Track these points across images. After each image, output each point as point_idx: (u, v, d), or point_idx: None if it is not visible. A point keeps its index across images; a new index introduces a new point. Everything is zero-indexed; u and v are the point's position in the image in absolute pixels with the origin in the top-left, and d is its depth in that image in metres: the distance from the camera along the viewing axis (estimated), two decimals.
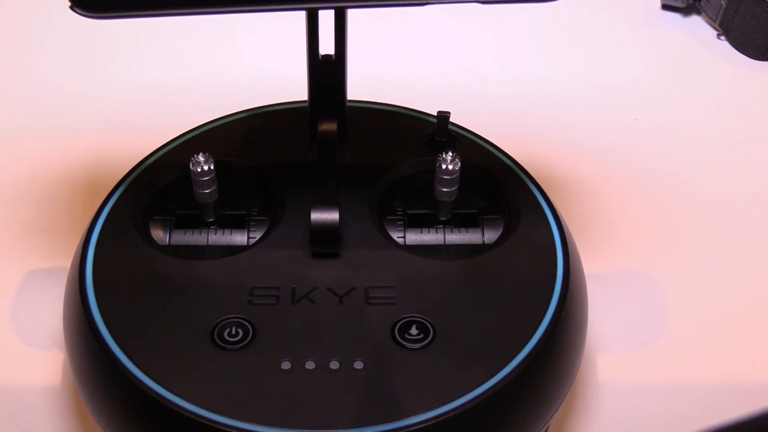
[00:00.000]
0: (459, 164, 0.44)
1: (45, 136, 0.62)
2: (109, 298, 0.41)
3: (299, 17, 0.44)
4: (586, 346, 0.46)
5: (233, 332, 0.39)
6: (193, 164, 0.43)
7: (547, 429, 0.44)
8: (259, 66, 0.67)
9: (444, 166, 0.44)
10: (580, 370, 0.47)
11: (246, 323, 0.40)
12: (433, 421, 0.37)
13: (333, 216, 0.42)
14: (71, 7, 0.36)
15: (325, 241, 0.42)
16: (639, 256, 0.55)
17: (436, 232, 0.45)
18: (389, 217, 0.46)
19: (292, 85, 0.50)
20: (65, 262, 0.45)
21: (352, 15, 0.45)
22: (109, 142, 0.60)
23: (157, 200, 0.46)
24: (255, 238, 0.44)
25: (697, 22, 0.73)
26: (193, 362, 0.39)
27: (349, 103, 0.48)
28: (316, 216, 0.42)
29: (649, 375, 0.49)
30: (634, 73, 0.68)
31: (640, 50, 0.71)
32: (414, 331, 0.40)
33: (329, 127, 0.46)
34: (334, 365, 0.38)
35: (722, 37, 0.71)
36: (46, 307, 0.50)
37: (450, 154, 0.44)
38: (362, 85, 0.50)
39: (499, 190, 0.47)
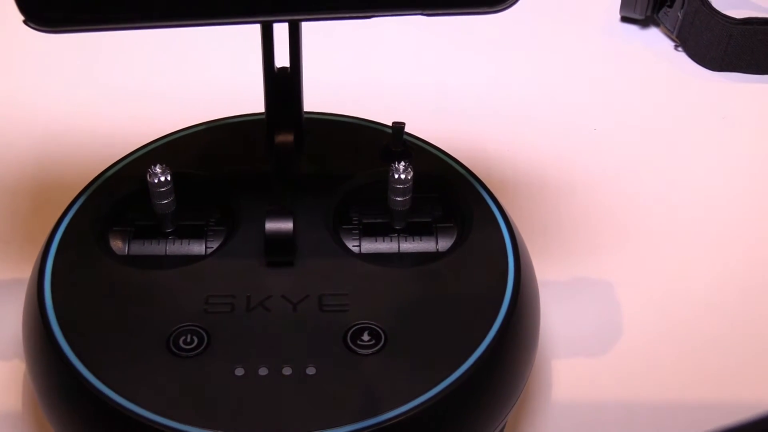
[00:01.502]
0: (411, 174, 0.45)
1: (3, 148, 0.63)
2: (67, 308, 0.41)
3: (256, 30, 0.45)
4: (540, 352, 0.47)
5: (188, 340, 0.40)
6: (150, 176, 0.44)
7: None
8: (219, 78, 0.68)
9: (397, 176, 0.45)
10: (533, 375, 0.48)
11: (201, 331, 0.41)
12: (384, 425, 0.37)
13: (287, 225, 0.43)
14: (25, 22, 0.37)
15: (280, 249, 0.43)
16: (594, 263, 0.56)
17: (391, 241, 0.46)
18: (345, 227, 0.47)
19: (251, 98, 0.51)
20: (25, 273, 0.45)
21: (308, 28, 0.46)
22: (69, 154, 0.61)
23: (116, 211, 0.47)
24: (212, 247, 0.45)
25: (655, 33, 0.74)
26: (149, 369, 0.39)
27: (305, 115, 0.49)
28: (271, 225, 0.43)
29: (603, 381, 0.50)
30: (592, 84, 0.70)
31: (599, 61, 0.72)
32: (366, 337, 0.41)
33: (285, 138, 0.47)
34: (287, 371, 0.39)
35: (679, 49, 0.72)
36: (6, 318, 0.50)
37: (402, 164, 0.45)
38: (320, 96, 0.51)
39: (453, 199, 0.48)
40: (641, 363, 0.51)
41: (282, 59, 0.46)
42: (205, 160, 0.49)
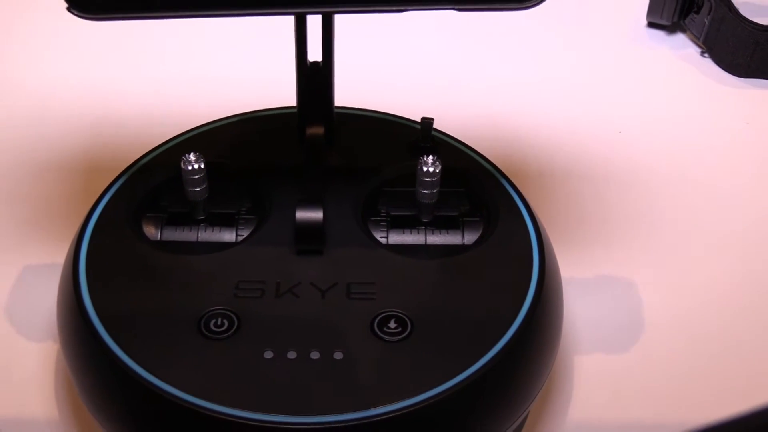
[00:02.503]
0: (440, 167, 0.45)
1: (41, 135, 0.64)
2: (101, 290, 0.42)
3: (290, 25, 0.46)
4: (562, 347, 0.48)
5: (219, 323, 0.41)
6: (184, 163, 0.45)
7: (523, 423, 0.46)
8: (251, 71, 0.69)
9: (425, 169, 0.45)
10: (555, 369, 0.48)
11: (231, 315, 0.41)
12: (407, 410, 0.38)
13: (317, 215, 0.44)
14: (68, 9, 0.38)
15: (310, 238, 0.44)
16: (618, 262, 0.56)
17: (418, 233, 0.47)
18: (373, 218, 0.47)
19: (282, 91, 0.52)
20: (58, 258, 0.46)
21: (340, 23, 0.47)
22: (104, 143, 0.62)
23: (149, 199, 0.48)
24: (243, 235, 0.46)
25: (681, 39, 0.75)
26: (181, 351, 0.40)
27: (336, 110, 0.50)
28: (301, 214, 0.44)
29: (625, 376, 0.51)
30: (619, 88, 0.70)
31: (625, 66, 0.73)
32: (392, 324, 0.41)
33: (316, 131, 0.48)
34: (315, 355, 0.40)
35: (705, 55, 0.73)
36: (40, 301, 0.51)
37: (431, 157, 0.45)
38: (350, 91, 0.51)
39: (480, 194, 0.48)
40: (663, 359, 0.51)
41: (313, 54, 0.47)
42: (237, 151, 0.50)
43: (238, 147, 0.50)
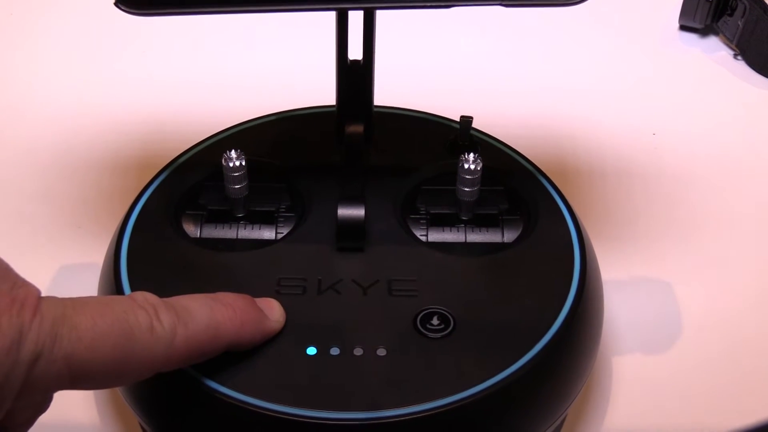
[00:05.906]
0: (480, 165, 0.45)
1: (77, 134, 0.64)
2: (143, 287, 0.42)
3: (330, 25, 0.46)
4: (602, 348, 0.48)
5: None
6: (225, 160, 0.45)
7: (562, 423, 0.46)
8: (289, 70, 0.69)
9: (466, 166, 0.45)
10: (594, 370, 0.48)
11: None
12: (451, 407, 0.38)
13: (359, 212, 0.44)
14: (115, 4, 0.38)
15: (351, 236, 0.44)
16: (656, 263, 0.56)
17: (458, 231, 0.47)
18: (413, 216, 0.47)
19: (319, 90, 0.52)
20: (97, 257, 0.46)
21: (379, 21, 0.47)
22: (142, 141, 0.63)
23: (189, 196, 0.48)
24: (283, 233, 0.46)
25: (714, 42, 0.75)
26: None
27: (375, 108, 0.50)
28: (343, 212, 0.44)
29: (663, 378, 0.50)
30: (652, 91, 0.70)
31: (658, 69, 0.72)
32: (435, 321, 0.41)
33: (356, 129, 0.48)
34: (358, 352, 0.40)
35: (739, 57, 0.73)
36: None
37: (472, 155, 0.45)
38: (388, 90, 0.51)
39: (519, 193, 0.48)
40: (702, 362, 0.51)
41: (352, 53, 0.47)
42: (275, 149, 0.50)
43: (276, 145, 0.50)
